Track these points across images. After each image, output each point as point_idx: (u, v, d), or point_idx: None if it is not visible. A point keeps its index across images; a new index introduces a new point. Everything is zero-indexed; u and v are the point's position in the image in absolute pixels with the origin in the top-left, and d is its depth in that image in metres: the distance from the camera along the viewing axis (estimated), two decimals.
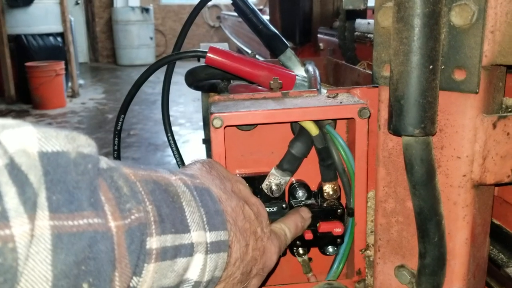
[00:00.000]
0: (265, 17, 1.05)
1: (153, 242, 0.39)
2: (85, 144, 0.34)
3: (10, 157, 0.29)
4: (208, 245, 0.45)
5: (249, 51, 3.55)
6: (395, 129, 0.51)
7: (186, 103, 6.06)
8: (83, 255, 0.31)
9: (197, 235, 0.43)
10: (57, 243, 0.30)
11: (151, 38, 9.76)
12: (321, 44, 1.62)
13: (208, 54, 0.78)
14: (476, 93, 0.50)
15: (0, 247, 0.27)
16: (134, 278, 0.37)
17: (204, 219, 0.45)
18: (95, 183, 0.34)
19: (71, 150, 0.33)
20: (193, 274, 0.44)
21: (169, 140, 0.99)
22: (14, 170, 0.28)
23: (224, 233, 0.47)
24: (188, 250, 0.42)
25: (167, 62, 0.91)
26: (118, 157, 0.94)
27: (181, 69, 1.27)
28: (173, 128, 1.01)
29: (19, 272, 0.28)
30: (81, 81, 7.16)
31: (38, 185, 0.30)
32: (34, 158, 0.30)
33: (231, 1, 0.97)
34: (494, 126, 0.52)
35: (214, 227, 0.46)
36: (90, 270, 0.32)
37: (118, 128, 0.92)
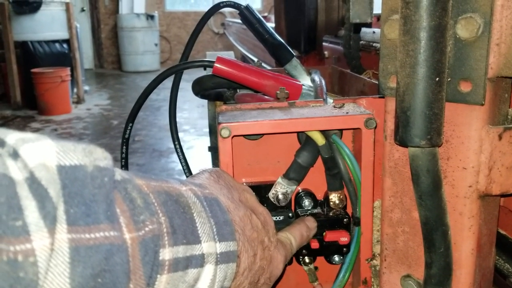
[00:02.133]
0: (270, 25, 1.06)
1: (166, 253, 0.39)
2: (101, 158, 0.35)
3: (30, 171, 0.29)
4: (218, 255, 0.45)
5: (254, 58, 3.56)
6: (402, 140, 0.52)
7: (190, 109, 6.08)
8: (100, 268, 0.32)
9: (208, 246, 0.44)
10: (75, 256, 0.30)
11: (156, 45, 9.81)
12: (326, 53, 1.62)
13: (216, 64, 0.79)
14: (482, 104, 0.51)
15: (21, 261, 0.27)
16: None
17: (214, 230, 0.46)
18: (111, 196, 0.35)
19: (88, 164, 0.33)
20: (203, 284, 0.44)
21: (176, 149, 0.99)
22: (34, 184, 0.29)
23: (233, 244, 0.48)
24: (199, 261, 0.43)
25: (174, 72, 0.92)
26: (125, 165, 0.94)
27: (187, 75, 1.28)
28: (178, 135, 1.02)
29: (39, 286, 0.28)
30: (86, 87, 7.20)
31: (57, 199, 0.30)
32: (53, 172, 0.30)
33: (237, 11, 0.98)
34: (500, 137, 0.52)
35: (223, 238, 0.46)
36: (106, 282, 0.32)
37: (126, 136, 0.92)
